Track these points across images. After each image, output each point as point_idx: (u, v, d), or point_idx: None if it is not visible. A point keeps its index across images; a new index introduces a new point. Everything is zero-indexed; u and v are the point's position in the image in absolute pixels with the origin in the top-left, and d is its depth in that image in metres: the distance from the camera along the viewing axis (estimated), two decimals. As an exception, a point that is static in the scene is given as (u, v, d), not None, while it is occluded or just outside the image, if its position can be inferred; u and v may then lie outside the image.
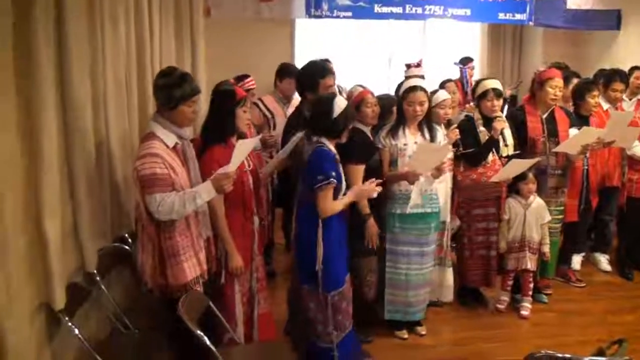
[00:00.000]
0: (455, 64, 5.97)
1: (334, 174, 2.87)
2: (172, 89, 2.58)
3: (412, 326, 3.77)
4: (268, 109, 4.66)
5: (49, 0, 2.35)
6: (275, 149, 4.23)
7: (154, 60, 3.68)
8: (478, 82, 4.08)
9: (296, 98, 4.64)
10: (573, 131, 3.97)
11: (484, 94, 3.86)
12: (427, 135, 3.55)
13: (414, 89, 3.46)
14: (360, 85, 3.61)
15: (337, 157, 2.98)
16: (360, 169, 3.30)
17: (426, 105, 3.48)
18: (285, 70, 4.76)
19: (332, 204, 2.91)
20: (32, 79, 2.23)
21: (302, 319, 3.11)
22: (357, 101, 3.43)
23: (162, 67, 3.40)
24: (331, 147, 2.97)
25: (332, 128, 2.95)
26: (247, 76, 4.59)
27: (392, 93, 4.20)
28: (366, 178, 3.20)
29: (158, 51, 3.81)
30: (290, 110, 4.41)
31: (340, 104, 2.94)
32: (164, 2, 3.91)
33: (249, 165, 3.04)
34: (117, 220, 3.12)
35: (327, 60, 4.13)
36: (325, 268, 2.94)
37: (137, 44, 3.42)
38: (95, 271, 2.78)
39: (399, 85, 3.62)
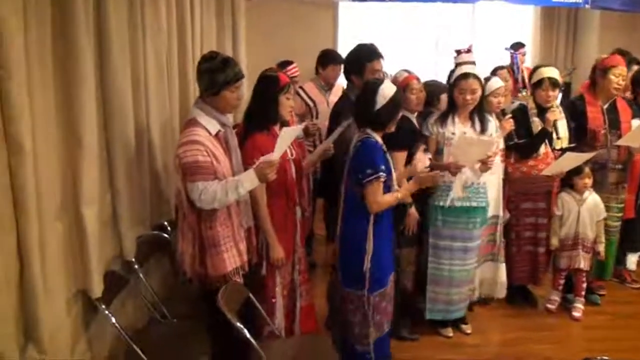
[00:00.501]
0: (506, 49, 5.71)
1: (383, 167, 2.73)
2: (215, 73, 2.50)
3: (457, 324, 3.63)
4: (310, 97, 4.53)
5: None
6: (317, 138, 4.11)
7: (194, 43, 3.62)
8: (534, 69, 3.86)
9: (337, 85, 4.52)
10: (636, 122, 3.76)
11: (539, 82, 3.66)
12: (477, 126, 3.37)
13: (466, 76, 3.29)
14: (406, 70, 3.47)
15: (384, 148, 2.83)
16: (402, 156, 3.19)
17: (478, 93, 3.31)
18: (328, 57, 4.61)
19: (382, 198, 2.76)
20: (71, 63, 2.19)
21: (341, 319, 3.02)
22: (401, 87, 3.27)
23: (203, 51, 3.33)
24: (378, 138, 2.81)
25: (375, 120, 2.79)
26: (290, 62, 4.47)
27: (439, 79, 4.03)
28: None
29: (199, 34, 3.75)
30: (332, 97, 4.28)
31: (385, 93, 2.75)
32: (205, -17, 3.85)
33: (292, 154, 2.95)
34: (156, 208, 3.10)
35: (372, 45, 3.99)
36: (373, 267, 2.80)
37: (178, 26, 3.35)
38: (133, 259, 2.77)
39: (451, 72, 3.45)
